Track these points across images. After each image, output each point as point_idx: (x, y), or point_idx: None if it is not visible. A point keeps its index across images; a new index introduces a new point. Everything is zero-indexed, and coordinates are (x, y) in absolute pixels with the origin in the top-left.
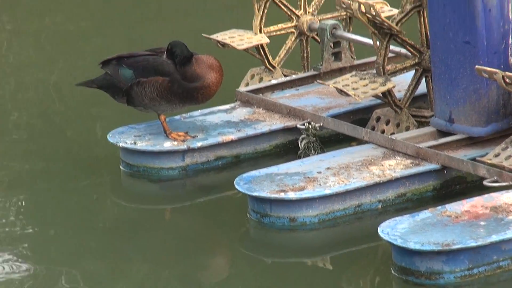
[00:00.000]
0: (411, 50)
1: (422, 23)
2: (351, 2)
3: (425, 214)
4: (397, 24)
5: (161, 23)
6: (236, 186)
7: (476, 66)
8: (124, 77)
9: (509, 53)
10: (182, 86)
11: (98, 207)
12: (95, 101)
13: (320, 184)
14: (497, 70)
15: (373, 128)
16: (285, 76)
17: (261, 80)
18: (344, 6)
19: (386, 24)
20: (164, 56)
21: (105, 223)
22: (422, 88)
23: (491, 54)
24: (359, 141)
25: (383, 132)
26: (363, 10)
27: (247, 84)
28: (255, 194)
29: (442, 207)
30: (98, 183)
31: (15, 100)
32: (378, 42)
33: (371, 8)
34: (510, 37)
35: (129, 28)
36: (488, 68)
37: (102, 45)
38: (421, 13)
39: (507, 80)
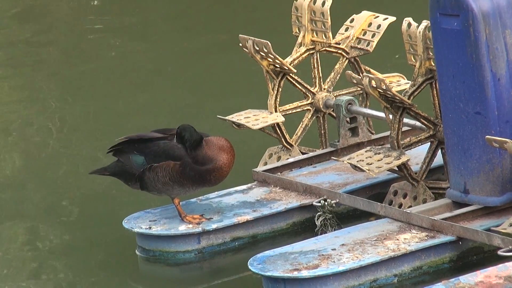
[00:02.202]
0: (425, 122)
1: (435, 95)
2: (362, 77)
3: (438, 287)
4: (409, 97)
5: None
6: (250, 267)
7: (486, 137)
8: (136, 163)
9: None
10: (194, 169)
11: None
12: (110, 188)
13: (334, 261)
14: (507, 140)
15: (390, 202)
16: (303, 153)
17: (279, 159)
18: (355, 81)
19: (397, 98)
20: (174, 141)
21: None
22: (440, 159)
23: (503, 124)
24: (378, 216)
25: (400, 205)
26: (374, 84)
27: (266, 163)
28: (268, 274)
29: (455, 279)
30: (115, 269)
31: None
32: (391, 116)
33: (382, 83)
34: None
35: (139, 109)
36: (498, 138)
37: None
38: (433, 85)
39: None
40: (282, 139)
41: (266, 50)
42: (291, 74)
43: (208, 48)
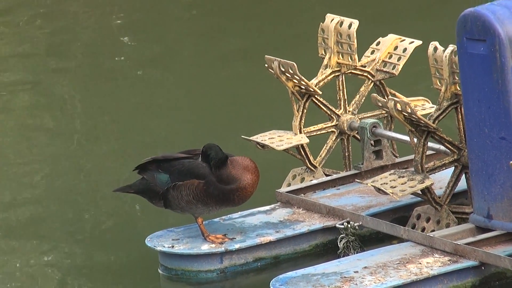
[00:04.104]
0: (449, 147)
1: (460, 119)
2: (387, 100)
3: None
4: (434, 121)
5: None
6: None
7: (511, 162)
8: (161, 181)
9: None
10: (218, 189)
11: None
12: (133, 206)
13: (356, 284)
14: None
15: (413, 226)
16: (327, 175)
17: (302, 180)
18: (380, 104)
19: (422, 121)
20: (199, 159)
21: None
22: (464, 184)
23: None
24: (400, 239)
25: (423, 229)
26: (399, 108)
27: (289, 184)
28: None
29: None
30: (137, 287)
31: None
32: (415, 140)
33: (407, 106)
34: None
35: (166, 130)
36: None
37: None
38: (459, 110)
39: None
40: (306, 160)
41: (291, 72)
42: (316, 96)
43: (233, 70)
